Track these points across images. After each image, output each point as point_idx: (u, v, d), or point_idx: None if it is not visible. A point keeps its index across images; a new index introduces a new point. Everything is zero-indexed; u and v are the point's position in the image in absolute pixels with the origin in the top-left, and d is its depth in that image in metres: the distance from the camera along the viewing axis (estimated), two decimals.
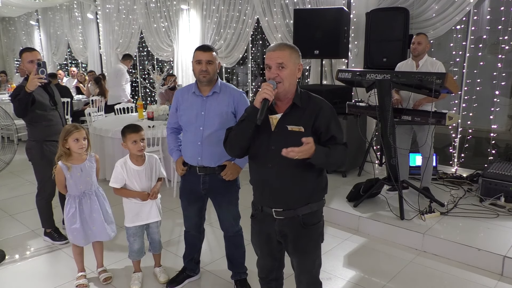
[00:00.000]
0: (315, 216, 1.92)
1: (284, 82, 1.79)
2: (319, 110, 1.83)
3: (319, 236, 1.97)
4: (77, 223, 2.73)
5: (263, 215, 1.95)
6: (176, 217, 4.04)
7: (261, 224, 1.99)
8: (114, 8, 9.03)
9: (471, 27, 4.74)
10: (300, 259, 1.98)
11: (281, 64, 1.78)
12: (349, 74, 3.80)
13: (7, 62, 13.99)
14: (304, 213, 1.88)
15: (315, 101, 1.87)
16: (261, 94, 1.75)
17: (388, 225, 3.53)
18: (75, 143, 2.68)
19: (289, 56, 1.80)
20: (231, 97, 2.51)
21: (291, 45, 1.85)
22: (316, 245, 1.97)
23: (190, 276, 2.90)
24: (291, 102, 1.85)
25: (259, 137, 1.85)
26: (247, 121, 1.81)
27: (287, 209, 1.87)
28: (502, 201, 3.85)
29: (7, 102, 7.83)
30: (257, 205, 1.99)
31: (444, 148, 5.31)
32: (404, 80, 3.47)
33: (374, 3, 5.07)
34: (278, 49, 1.80)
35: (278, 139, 1.81)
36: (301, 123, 1.81)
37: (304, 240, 1.92)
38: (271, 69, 1.80)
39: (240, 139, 1.86)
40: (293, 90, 1.86)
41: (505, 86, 4.80)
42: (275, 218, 1.90)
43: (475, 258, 3.07)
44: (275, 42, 1.87)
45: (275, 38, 6.24)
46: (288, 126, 1.81)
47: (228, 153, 1.99)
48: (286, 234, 1.93)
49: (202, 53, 2.42)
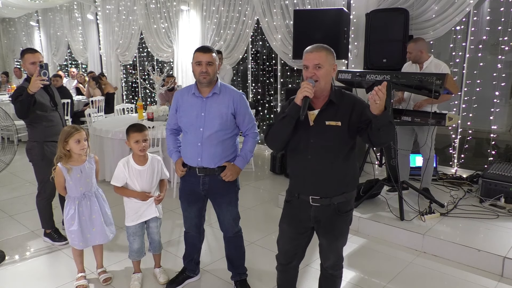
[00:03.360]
0: (349, 204, 2.12)
1: (321, 81, 1.96)
2: (353, 105, 2.01)
3: (349, 222, 2.18)
4: (74, 225, 2.73)
5: (299, 201, 2.12)
6: (176, 218, 4.04)
7: (296, 209, 2.16)
8: (114, 9, 9.03)
9: (471, 28, 4.74)
10: (332, 241, 2.16)
11: (317, 65, 1.95)
12: (349, 75, 3.80)
13: (7, 63, 13.99)
14: (339, 202, 2.06)
15: (348, 97, 2.05)
16: (302, 92, 1.90)
17: (388, 225, 3.53)
18: (77, 144, 2.67)
19: (325, 57, 1.97)
20: (231, 98, 2.51)
21: (327, 47, 2.01)
22: (347, 230, 2.19)
23: (190, 277, 2.90)
24: (327, 99, 2.02)
25: (297, 132, 2.02)
26: (289, 117, 1.96)
27: (324, 197, 2.04)
28: (502, 202, 3.85)
29: (7, 102, 7.83)
30: (293, 193, 2.15)
31: (444, 149, 5.31)
32: (404, 81, 3.47)
33: (374, 4, 5.07)
34: (315, 51, 1.97)
35: (316, 133, 2.00)
36: (338, 118, 1.99)
37: (337, 226, 2.12)
38: (309, 69, 1.97)
39: (282, 134, 2.03)
40: (328, 88, 2.02)
41: (505, 87, 4.81)
42: (311, 205, 2.07)
43: (475, 259, 3.07)
44: (312, 45, 2.03)
45: (274, 38, 6.24)
46: (326, 121, 1.99)
47: (269, 147, 2.17)
48: (320, 219, 2.10)
49: (202, 55, 2.41)
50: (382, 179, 4.02)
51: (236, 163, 2.57)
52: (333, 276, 2.27)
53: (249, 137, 2.61)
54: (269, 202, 4.51)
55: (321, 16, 5.03)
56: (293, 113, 1.94)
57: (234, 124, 2.55)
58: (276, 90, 7.12)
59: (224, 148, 2.53)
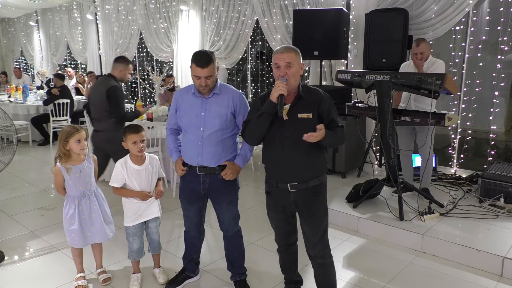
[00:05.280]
0: (323, 185, 2.32)
1: (291, 79, 2.15)
2: (320, 98, 2.22)
3: (326, 202, 2.36)
4: (75, 224, 2.72)
5: (279, 190, 2.30)
6: (176, 218, 4.04)
7: (277, 198, 2.34)
8: (114, 9, 9.03)
9: (471, 28, 4.74)
10: (314, 223, 2.32)
11: (289, 64, 2.14)
12: (349, 75, 3.80)
13: (6, 63, 13.99)
14: (314, 184, 2.26)
15: (315, 92, 2.26)
16: (277, 91, 2.09)
17: (388, 226, 3.53)
18: (77, 144, 2.67)
19: (294, 57, 2.17)
20: (230, 98, 2.52)
21: (296, 48, 2.20)
22: (325, 209, 2.35)
23: (190, 277, 2.89)
24: (297, 94, 2.21)
25: (272, 126, 2.20)
26: (266, 114, 2.15)
27: (301, 182, 2.24)
28: (502, 202, 3.85)
29: (6, 103, 7.83)
30: (271, 183, 2.33)
31: (443, 149, 5.31)
32: (403, 81, 3.47)
33: (374, 4, 5.07)
34: (285, 51, 2.16)
35: (291, 126, 2.18)
36: (308, 110, 2.19)
37: (316, 205, 2.30)
38: (280, 68, 2.15)
39: (260, 130, 2.22)
40: (297, 85, 2.22)
41: (505, 87, 4.81)
42: (290, 191, 2.26)
43: (474, 259, 3.07)
44: (280, 45, 2.25)
45: (274, 39, 6.24)
46: (299, 114, 2.18)
47: (247, 142, 2.37)
48: (300, 203, 2.28)
49: (201, 70, 2.37)
50: (381, 179, 4.02)
51: (236, 162, 2.58)
52: (324, 266, 2.40)
53: None
54: None
55: (321, 16, 5.03)
56: (270, 110, 2.13)
57: (234, 123, 2.56)
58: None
59: (224, 147, 2.54)
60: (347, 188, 4.23)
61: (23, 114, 7.60)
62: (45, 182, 5.26)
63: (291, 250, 2.53)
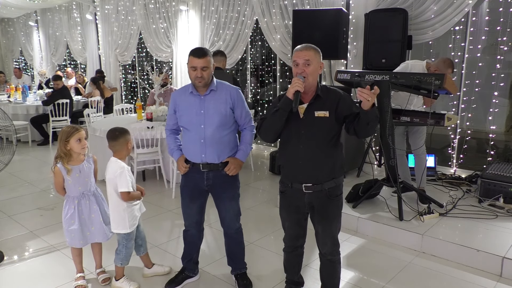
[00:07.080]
0: (338, 189, 2.29)
1: (309, 77, 2.14)
2: (339, 98, 2.21)
3: (340, 205, 2.35)
4: (75, 224, 2.73)
5: (293, 190, 2.30)
6: (175, 218, 4.04)
7: (291, 198, 2.34)
8: (113, 9, 9.02)
9: (470, 28, 4.74)
10: (326, 225, 2.32)
11: (307, 61, 2.13)
12: (348, 75, 3.80)
13: (5, 63, 13.98)
14: (330, 187, 2.24)
15: (334, 91, 2.25)
16: (293, 87, 2.08)
17: (387, 226, 3.53)
18: (78, 143, 2.67)
19: (314, 55, 2.16)
20: (228, 93, 2.56)
21: (316, 47, 2.20)
22: (338, 213, 2.34)
23: (189, 277, 2.89)
24: (315, 93, 2.21)
25: (289, 124, 2.20)
26: (281, 110, 2.14)
27: (316, 184, 2.22)
28: (501, 202, 3.85)
29: (6, 103, 7.83)
30: (286, 183, 2.33)
31: (443, 149, 5.31)
32: (403, 81, 3.48)
33: (373, 4, 5.07)
34: (305, 49, 2.16)
35: (306, 124, 2.19)
36: (325, 109, 2.18)
37: (329, 209, 2.29)
38: (299, 66, 2.14)
39: (275, 127, 2.21)
40: (315, 84, 2.21)
41: (504, 87, 4.81)
42: (305, 192, 2.25)
43: (474, 259, 3.08)
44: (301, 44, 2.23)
45: (274, 39, 6.24)
46: (316, 112, 2.18)
47: (263, 139, 2.33)
48: (314, 205, 2.28)
49: (197, 60, 2.43)
50: (381, 179, 4.02)
51: (237, 156, 2.63)
52: (332, 262, 2.41)
53: (247, 130, 2.68)
54: (268, 202, 4.51)
55: (320, 16, 5.03)
56: (285, 106, 2.12)
57: (233, 118, 2.61)
58: (275, 90, 7.12)
59: (227, 142, 2.59)
60: (346, 188, 4.17)
61: (22, 114, 7.61)
62: (45, 182, 5.26)
63: (297, 252, 2.53)
